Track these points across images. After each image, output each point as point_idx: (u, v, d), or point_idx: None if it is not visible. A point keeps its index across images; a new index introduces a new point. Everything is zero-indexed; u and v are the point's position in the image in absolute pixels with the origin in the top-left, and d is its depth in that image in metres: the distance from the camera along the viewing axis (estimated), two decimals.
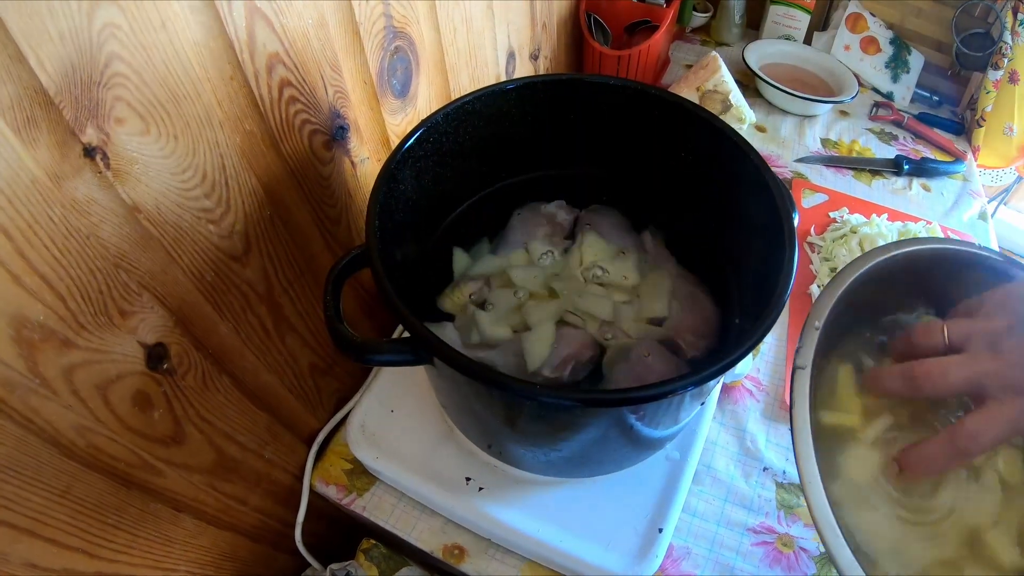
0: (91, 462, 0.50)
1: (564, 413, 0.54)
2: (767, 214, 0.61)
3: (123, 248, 0.48)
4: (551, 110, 0.72)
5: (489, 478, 0.73)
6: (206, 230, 0.55)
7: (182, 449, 0.60)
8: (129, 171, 0.47)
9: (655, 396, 0.47)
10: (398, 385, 0.81)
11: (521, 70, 1.08)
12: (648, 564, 0.69)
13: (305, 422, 0.80)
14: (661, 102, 0.69)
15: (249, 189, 0.59)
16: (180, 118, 0.49)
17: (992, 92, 1.33)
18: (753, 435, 0.88)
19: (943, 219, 1.24)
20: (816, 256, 1.10)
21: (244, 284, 0.62)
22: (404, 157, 0.61)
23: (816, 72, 1.47)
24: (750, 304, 0.65)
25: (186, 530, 0.64)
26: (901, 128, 1.42)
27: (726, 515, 0.81)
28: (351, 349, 0.51)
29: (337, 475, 0.81)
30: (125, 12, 0.42)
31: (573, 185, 0.80)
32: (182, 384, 0.58)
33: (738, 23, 1.56)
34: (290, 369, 0.73)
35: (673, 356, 0.66)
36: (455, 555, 0.75)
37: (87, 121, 0.42)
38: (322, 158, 0.67)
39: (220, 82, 0.52)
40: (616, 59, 1.23)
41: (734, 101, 1.22)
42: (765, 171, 0.62)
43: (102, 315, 0.48)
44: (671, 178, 0.75)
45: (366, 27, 0.65)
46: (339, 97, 0.66)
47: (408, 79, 0.76)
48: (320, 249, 0.72)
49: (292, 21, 0.57)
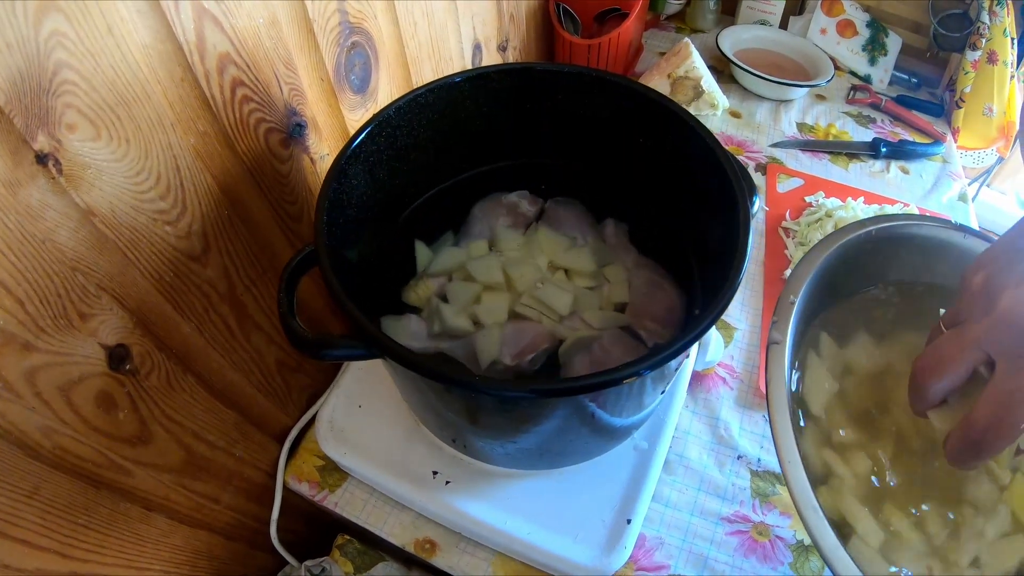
0: (58, 463, 0.51)
1: (518, 405, 0.55)
2: (722, 195, 0.61)
3: (80, 252, 0.49)
4: (508, 100, 0.72)
5: (456, 472, 0.74)
6: (163, 231, 0.56)
7: (149, 449, 0.60)
8: (82, 176, 0.47)
9: (601, 384, 0.47)
10: (365, 381, 0.81)
11: (489, 62, 1.07)
12: (617, 555, 0.69)
13: (276, 419, 0.80)
14: (615, 87, 0.69)
15: (205, 189, 0.59)
16: (131, 122, 0.50)
17: (971, 73, 1.33)
18: (727, 423, 0.88)
19: (922, 201, 1.24)
20: (791, 241, 1.10)
21: (205, 284, 0.62)
22: (354, 154, 0.61)
23: (792, 56, 1.47)
24: (710, 292, 0.65)
25: (158, 529, 0.64)
26: (879, 111, 1.42)
27: (699, 504, 0.81)
28: (305, 345, 0.52)
29: (309, 472, 0.81)
30: (71, 20, 0.43)
31: (535, 175, 0.80)
32: (146, 384, 0.58)
33: (713, 9, 1.56)
34: (257, 367, 0.73)
35: (635, 344, 0.67)
36: (426, 549, 0.76)
37: (38, 129, 0.43)
38: (280, 156, 0.67)
39: (170, 84, 0.52)
40: (587, 48, 1.23)
41: (706, 87, 1.22)
42: (719, 151, 0.62)
43: (61, 318, 0.48)
44: (632, 165, 0.75)
45: (320, 24, 0.65)
46: (295, 95, 0.66)
47: (367, 74, 0.76)
48: (283, 247, 0.72)
49: (242, 21, 0.57)
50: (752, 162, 1.27)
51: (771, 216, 1.15)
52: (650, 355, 0.49)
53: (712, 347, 0.87)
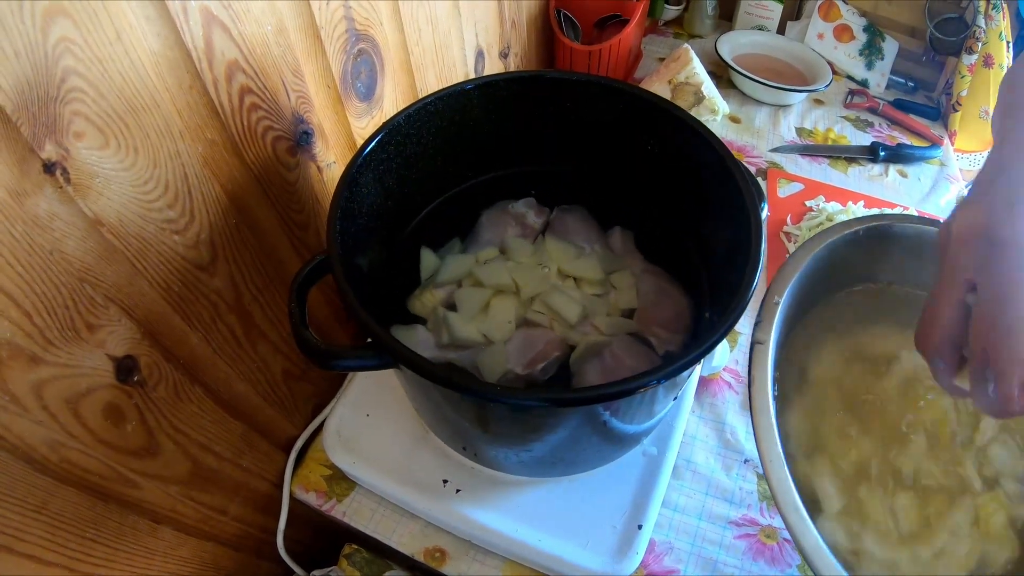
0: (65, 477, 0.50)
1: (532, 413, 0.54)
2: (733, 204, 0.61)
3: (87, 262, 0.48)
4: (515, 108, 0.72)
5: (466, 480, 0.73)
6: (171, 241, 0.55)
7: (157, 461, 0.60)
8: (90, 185, 0.46)
9: (616, 395, 0.47)
10: (373, 390, 0.81)
11: (491, 69, 1.07)
12: (628, 561, 0.69)
13: (282, 429, 0.80)
14: (624, 95, 0.69)
15: (213, 198, 0.58)
16: (139, 130, 0.49)
17: (967, 76, 1.34)
18: (733, 427, 0.88)
19: (920, 204, 1.24)
20: (792, 245, 1.10)
21: (212, 293, 0.62)
22: (365, 162, 0.61)
23: (790, 61, 1.48)
24: (720, 297, 0.65)
25: (166, 541, 0.64)
26: (876, 115, 1.43)
27: (708, 509, 0.81)
28: (316, 355, 0.51)
29: (316, 481, 0.81)
30: (79, 26, 0.42)
31: (542, 181, 0.80)
32: (153, 396, 0.57)
33: (711, 15, 1.57)
34: (263, 377, 0.73)
35: (646, 351, 0.66)
36: (436, 558, 0.75)
37: (45, 137, 0.42)
38: (287, 164, 0.66)
39: (179, 92, 0.52)
40: (587, 54, 1.23)
41: (706, 92, 1.22)
42: (729, 159, 0.62)
43: (69, 330, 0.48)
44: (640, 171, 0.75)
45: (327, 31, 0.65)
46: (302, 102, 0.65)
47: (373, 81, 0.76)
48: (289, 255, 0.71)
49: (250, 28, 0.56)
50: (753, 167, 1.27)
51: (772, 221, 1.16)
52: (664, 365, 0.49)
53: (718, 353, 0.87)
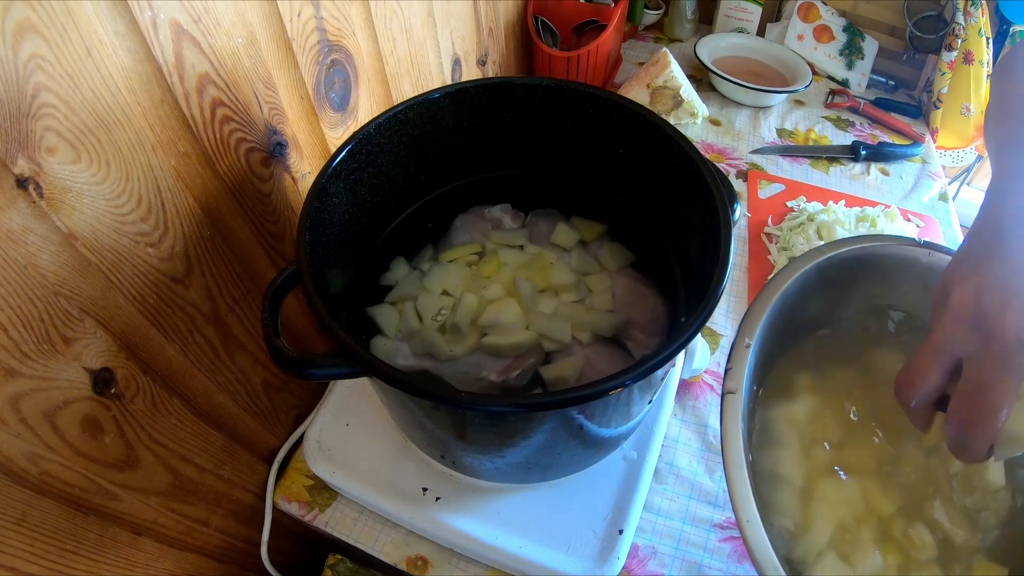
0: (45, 489, 0.50)
1: (505, 420, 0.55)
2: (703, 204, 0.61)
3: (62, 275, 0.48)
4: (487, 115, 0.72)
5: (445, 488, 0.73)
6: (145, 253, 0.55)
7: (136, 473, 0.60)
8: (63, 199, 0.47)
9: (587, 397, 0.47)
10: (352, 399, 0.81)
11: (468, 76, 1.08)
12: (609, 566, 0.69)
13: (264, 440, 0.80)
14: (594, 99, 0.70)
15: (187, 210, 0.59)
16: (111, 144, 0.49)
17: (947, 73, 1.35)
18: (715, 430, 0.88)
19: (902, 202, 1.25)
20: (774, 246, 1.11)
21: (188, 305, 0.62)
22: (335, 172, 0.61)
23: (770, 63, 1.48)
24: (694, 299, 0.65)
25: (148, 553, 0.64)
26: (858, 114, 1.44)
27: (691, 512, 0.81)
28: (289, 365, 0.51)
29: (299, 492, 0.81)
30: (50, 43, 0.43)
31: (518, 187, 0.80)
32: (131, 408, 0.58)
33: (690, 18, 1.58)
34: (243, 388, 0.73)
35: (621, 354, 0.67)
36: (419, 566, 0.75)
37: (18, 153, 0.43)
38: (261, 175, 0.67)
39: (150, 106, 0.52)
40: (566, 60, 1.24)
41: (685, 96, 1.23)
42: (696, 157, 0.62)
43: (45, 343, 0.48)
44: (613, 174, 0.76)
45: (299, 42, 0.66)
46: (275, 114, 0.66)
47: (347, 92, 0.76)
48: (265, 266, 0.71)
49: (221, 41, 0.57)
50: (733, 169, 1.28)
51: (753, 222, 1.16)
52: (635, 366, 0.49)
53: (698, 355, 0.87)
